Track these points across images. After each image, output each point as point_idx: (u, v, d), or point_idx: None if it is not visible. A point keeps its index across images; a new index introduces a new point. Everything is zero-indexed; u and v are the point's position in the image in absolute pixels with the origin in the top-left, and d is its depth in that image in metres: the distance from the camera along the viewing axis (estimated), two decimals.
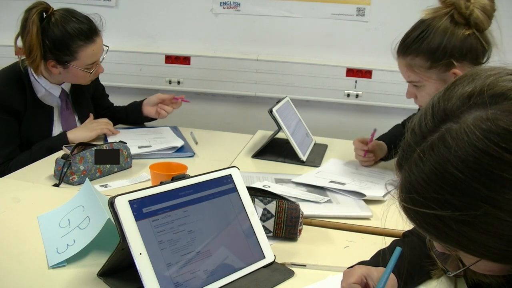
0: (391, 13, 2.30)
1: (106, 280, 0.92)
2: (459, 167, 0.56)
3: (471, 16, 1.24)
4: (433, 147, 0.59)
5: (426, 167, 0.58)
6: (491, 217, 0.55)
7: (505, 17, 1.31)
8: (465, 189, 0.55)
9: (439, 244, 0.68)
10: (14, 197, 1.28)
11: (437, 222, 0.59)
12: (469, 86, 0.60)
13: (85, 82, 1.77)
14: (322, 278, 0.98)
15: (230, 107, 2.61)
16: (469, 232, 0.57)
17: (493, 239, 0.57)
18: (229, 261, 0.95)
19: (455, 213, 0.56)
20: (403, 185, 0.62)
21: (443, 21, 1.27)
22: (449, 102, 0.61)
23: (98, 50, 1.70)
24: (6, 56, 1.72)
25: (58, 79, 1.73)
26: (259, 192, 1.14)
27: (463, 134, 0.56)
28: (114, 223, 0.84)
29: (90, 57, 1.67)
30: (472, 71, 0.64)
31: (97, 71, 1.75)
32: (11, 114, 1.65)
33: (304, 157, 1.70)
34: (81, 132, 1.75)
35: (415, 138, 0.62)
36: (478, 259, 0.62)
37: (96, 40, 1.67)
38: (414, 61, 1.32)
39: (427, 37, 1.29)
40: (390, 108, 2.36)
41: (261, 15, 2.43)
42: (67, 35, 1.60)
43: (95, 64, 1.71)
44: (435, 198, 0.58)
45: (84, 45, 1.63)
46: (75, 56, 1.63)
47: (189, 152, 1.73)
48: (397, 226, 0.69)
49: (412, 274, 0.92)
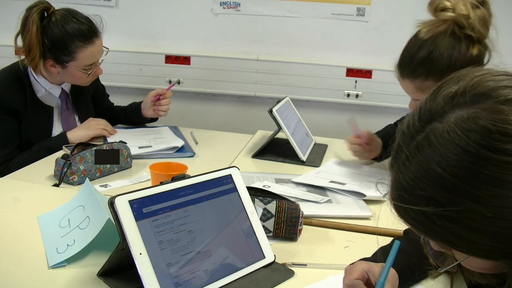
0: (391, 13, 2.30)
1: (106, 280, 0.92)
2: (441, 165, 0.58)
3: (473, 31, 1.21)
4: (418, 146, 0.61)
5: (413, 166, 0.61)
6: (473, 213, 0.56)
7: (500, 18, 1.29)
8: (447, 186, 0.57)
9: (430, 240, 0.69)
10: (14, 197, 1.28)
11: (423, 219, 0.61)
12: (454, 87, 0.62)
13: (84, 83, 1.77)
14: (323, 278, 0.98)
15: (230, 107, 2.61)
16: (453, 228, 0.59)
17: (476, 235, 0.58)
18: (229, 261, 0.95)
19: (438, 209, 0.58)
20: (393, 184, 0.65)
21: (446, 39, 1.23)
22: (434, 102, 0.63)
23: (97, 52, 1.69)
24: (6, 56, 1.72)
25: (57, 79, 1.72)
26: (259, 192, 1.14)
27: (445, 133, 0.58)
28: (114, 223, 0.84)
29: (88, 58, 1.67)
30: (460, 73, 0.65)
31: (96, 73, 1.75)
32: (11, 114, 1.65)
33: (304, 157, 1.70)
34: (80, 132, 1.75)
35: (404, 139, 0.64)
36: (467, 256, 0.63)
37: (95, 42, 1.67)
38: (424, 84, 1.28)
39: (435, 58, 1.24)
40: (390, 108, 2.36)
41: (261, 15, 2.43)
42: (66, 35, 1.60)
43: (94, 66, 1.71)
44: (420, 195, 0.60)
45: (82, 46, 1.63)
46: (73, 56, 1.63)
47: (189, 152, 1.73)
48: (396, 226, 0.69)
49: (413, 270, 0.93)
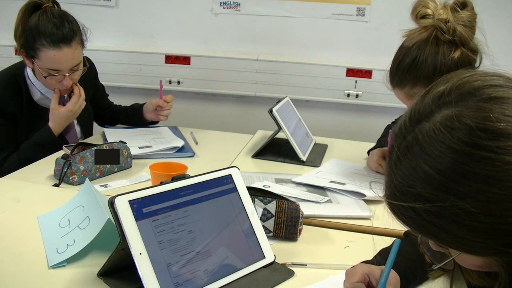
0: (391, 13, 2.30)
1: (106, 280, 0.92)
2: (427, 162, 0.60)
3: (455, 35, 1.22)
4: (408, 146, 0.63)
5: (403, 165, 0.63)
6: (458, 209, 0.58)
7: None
8: (433, 183, 0.59)
9: (422, 236, 0.71)
10: (14, 197, 1.28)
11: (414, 215, 0.63)
12: (442, 87, 0.64)
13: (51, 88, 1.68)
14: (323, 278, 0.98)
15: (230, 107, 2.61)
16: (441, 224, 0.60)
17: (464, 231, 0.59)
18: (229, 261, 0.95)
19: (426, 205, 0.60)
20: (387, 183, 0.67)
21: (429, 44, 1.24)
22: (423, 103, 0.65)
23: (61, 59, 1.60)
24: (6, 56, 1.72)
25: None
26: (259, 192, 1.14)
27: (431, 132, 0.60)
28: (114, 223, 0.84)
29: (50, 62, 1.59)
30: (450, 74, 0.67)
31: (63, 83, 1.65)
32: (7, 118, 1.64)
33: (304, 157, 1.70)
34: (61, 121, 1.70)
35: (396, 140, 0.66)
36: (459, 252, 0.65)
37: (62, 48, 1.58)
38: (413, 90, 1.29)
39: (420, 65, 1.25)
40: (390, 108, 2.36)
41: (261, 15, 2.43)
42: (36, 31, 1.57)
43: (60, 73, 1.62)
44: (410, 192, 0.62)
45: (46, 46, 1.57)
46: (37, 53, 1.59)
47: (189, 152, 1.73)
48: (396, 226, 0.69)
49: (414, 272, 0.92)
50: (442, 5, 1.24)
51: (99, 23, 1.78)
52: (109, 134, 1.87)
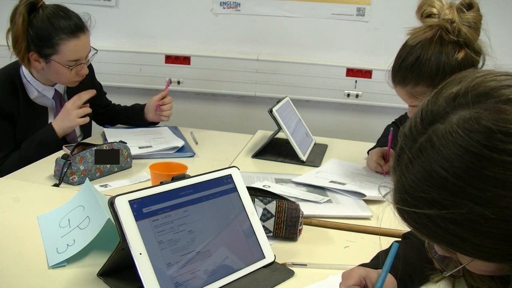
0: (391, 13, 2.30)
1: (106, 280, 0.92)
2: (444, 166, 0.57)
3: (460, 35, 1.22)
4: (421, 148, 0.60)
5: (415, 169, 0.60)
6: (476, 215, 0.55)
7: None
8: (450, 188, 0.56)
9: (434, 244, 0.68)
10: (14, 197, 1.28)
11: (427, 222, 0.60)
12: (456, 88, 0.61)
13: (68, 82, 1.72)
14: (323, 278, 0.98)
15: (230, 107, 2.61)
16: (457, 231, 0.58)
17: (480, 237, 0.57)
18: (229, 261, 0.94)
19: (441, 211, 0.57)
20: (396, 187, 0.64)
21: (433, 44, 1.24)
22: (436, 104, 0.62)
23: (81, 47, 1.65)
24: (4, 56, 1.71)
25: (45, 77, 1.69)
26: (259, 192, 1.14)
27: (448, 134, 0.57)
28: (114, 223, 0.84)
29: (72, 53, 1.63)
30: (461, 74, 0.65)
31: (80, 72, 1.69)
32: (5, 118, 1.64)
33: (304, 157, 1.70)
34: (64, 122, 1.70)
35: (406, 141, 0.63)
36: (471, 259, 0.63)
37: (80, 36, 1.63)
38: (415, 89, 1.29)
39: (423, 64, 1.25)
40: (390, 108, 2.36)
41: (261, 15, 2.43)
42: (50, 27, 1.58)
43: (78, 63, 1.66)
44: (423, 197, 0.59)
45: (66, 38, 1.60)
46: (56, 49, 1.60)
47: (189, 152, 1.73)
48: (397, 226, 0.69)
49: (413, 276, 0.91)
50: (448, 5, 1.23)
51: (99, 23, 1.78)
52: (109, 134, 1.87)
